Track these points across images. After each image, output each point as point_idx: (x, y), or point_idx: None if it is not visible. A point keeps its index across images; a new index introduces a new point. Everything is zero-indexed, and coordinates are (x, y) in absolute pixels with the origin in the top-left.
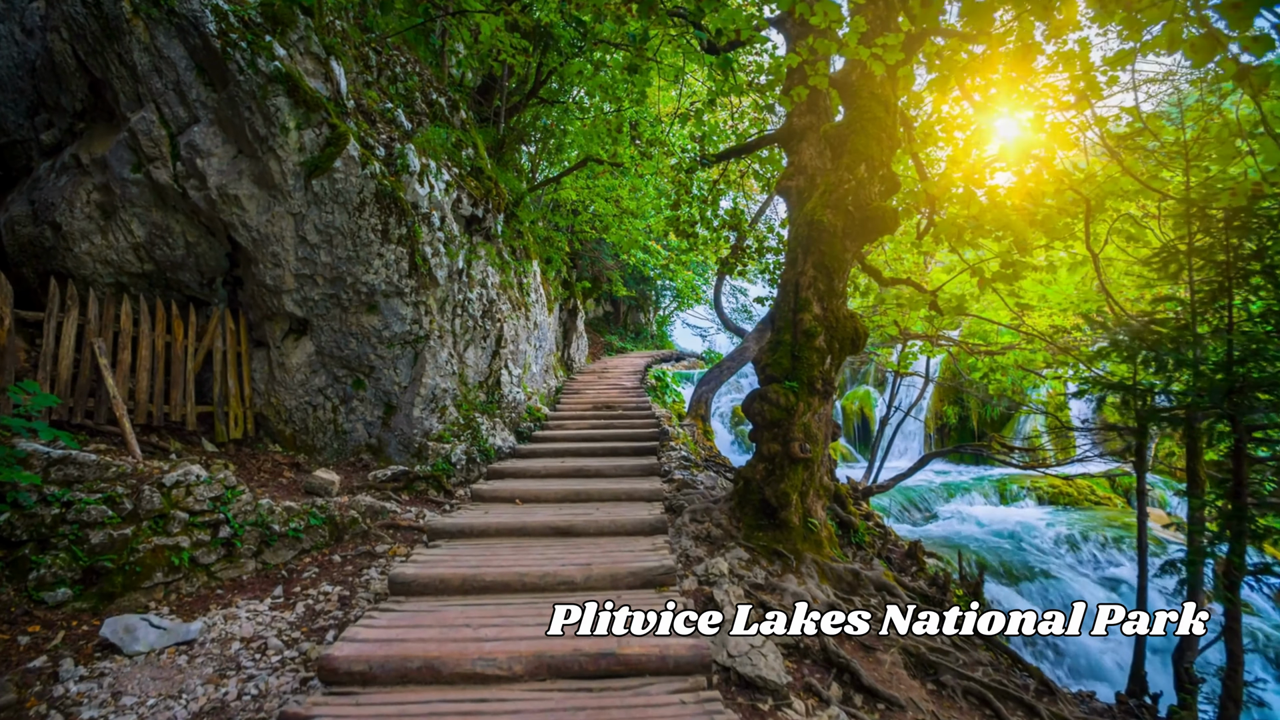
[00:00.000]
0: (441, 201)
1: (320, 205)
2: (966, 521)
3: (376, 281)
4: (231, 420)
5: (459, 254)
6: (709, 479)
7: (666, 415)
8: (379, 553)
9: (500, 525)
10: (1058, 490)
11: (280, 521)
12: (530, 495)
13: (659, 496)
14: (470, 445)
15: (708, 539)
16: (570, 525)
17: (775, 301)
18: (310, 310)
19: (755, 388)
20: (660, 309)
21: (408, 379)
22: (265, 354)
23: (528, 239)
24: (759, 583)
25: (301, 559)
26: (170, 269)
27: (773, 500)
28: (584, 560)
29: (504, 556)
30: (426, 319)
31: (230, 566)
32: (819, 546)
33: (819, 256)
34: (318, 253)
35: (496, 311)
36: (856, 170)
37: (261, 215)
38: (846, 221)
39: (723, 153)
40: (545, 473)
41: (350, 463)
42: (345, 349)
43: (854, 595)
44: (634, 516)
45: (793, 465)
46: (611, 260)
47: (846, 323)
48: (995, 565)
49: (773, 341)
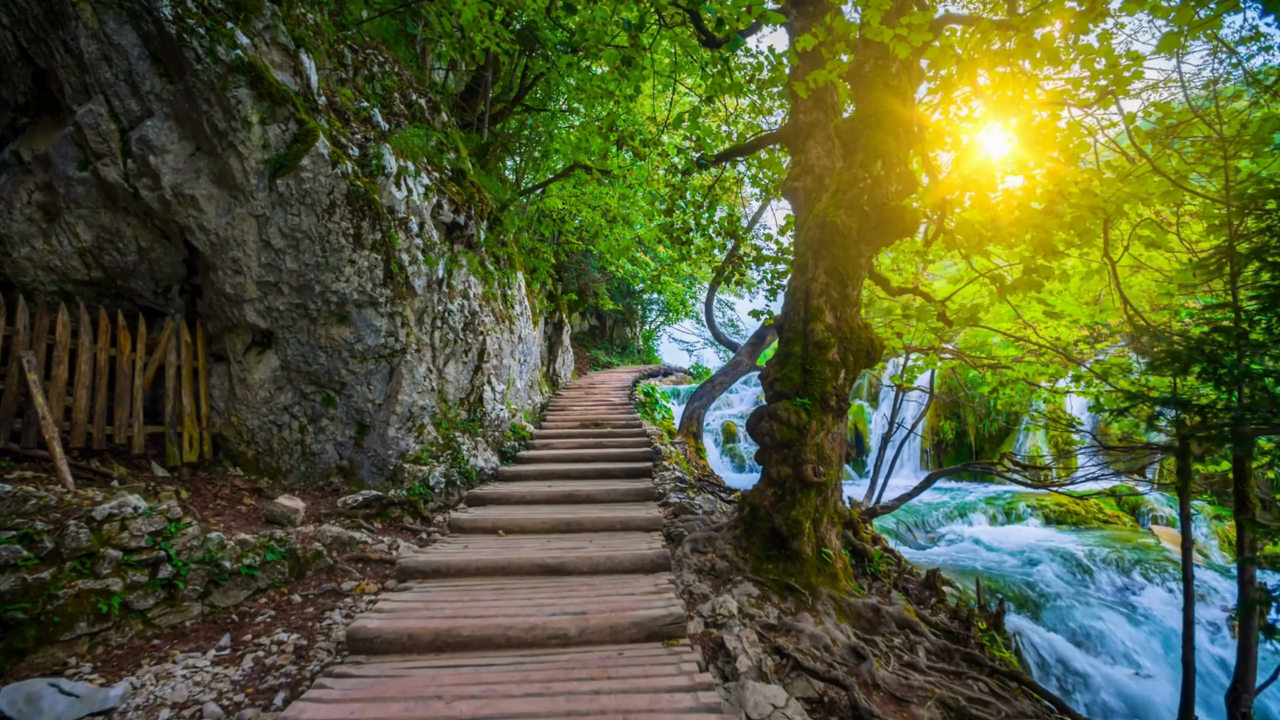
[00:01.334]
0: (420, 206)
1: (286, 207)
2: (973, 544)
3: (348, 290)
4: (186, 442)
5: (439, 262)
6: (707, 502)
7: (658, 433)
8: (345, 590)
9: (481, 563)
10: (1064, 509)
11: (232, 557)
12: (515, 525)
13: (657, 525)
14: (450, 467)
15: (712, 572)
16: (561, 563)
17: (782, 311)
18: (275, 321)
19: (760, 405)
20: (646, 323)
21: (382, 396)
22: (225, 369)
23: (512, 249)
24: (772, 623)
25: (256, 600)
26: (121, 276)
27: (783, 529)
28: (578, 607)
29: (485, 603)
30: (403, 331)
31: (171, 611)
32: (834, 579)
33: (831, 261)
34: (283, 258)
35: (479, 324)
36: (872, 167)
37: (221, 217)
38: (862, 223)
39: (721, 153)
40: (531, 498)
41: (319, 487)
42: (314, 363)
43: (875, 634)
44: (632, 550)
45: (805, 490)
46: (598, 273)
47: (861, 333)
48: (1011, 593)
49: (781, 354)
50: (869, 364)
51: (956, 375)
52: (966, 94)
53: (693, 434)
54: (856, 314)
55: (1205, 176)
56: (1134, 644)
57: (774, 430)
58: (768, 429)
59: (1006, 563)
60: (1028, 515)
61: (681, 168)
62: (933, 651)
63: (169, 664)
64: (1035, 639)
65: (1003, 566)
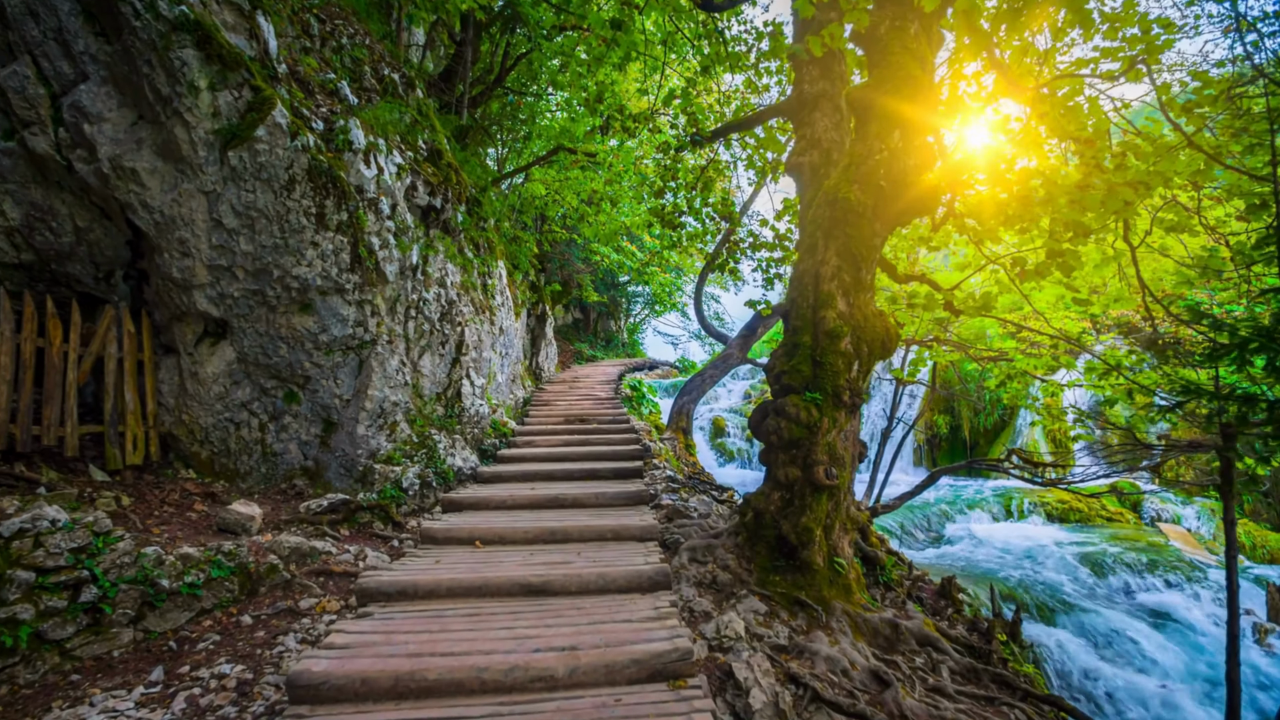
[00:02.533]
0: (392, 187)
1: (239, 182)
2: (978, 543)
3: (310, 276)
4: (129, 442)
5: (412, 248)
6: (702, 505)
7: (646, 429)
8: (303, 609)
9: (454, 583)
10: (1067, 506)
11: (172, 575)
12: (494, 535)
13: (653, 534)
14: (425, 467)
15: (713, 585)
16: (546, 581)
17: (788, 297)
18: (229, 310)
19: (765, 400)
20: (631, 316)
21: (350, 391)
22: (175, 362)
23: (493, 235)
24: (782, 644)
25: (199, 622)
26: (56, 259)
27: (792, 537)
28: (567, 639)
29: (456, 634)
30: (373, 321)
31: (95, 640)
32: (848, 592)
33: (844, 241)
34: (236, 240)
35: (457, 314)
36: (889, 138)
37: (166, 194)
38: (877, 199)
39: (719, 129)
40: (513, 503)
41: (281, 490)
42: (274, 356)
43: (895, 653)
44: (626, 566)
45: (816, 494)
46: (582, 263)
47: (875, 321)
48: (1023, 597)
49: (788, 345)
50: (884, 355)
51: (954, 368)
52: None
53: (682, 429)
54: (871, 300)
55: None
56: (1157, 652)
57: (781, 428)
58: (774, 427)
59: (1013, 563)
60: (1030, 512)
61: (674, 145)
62: (958, 672)
63: (84, 706)
64: (1052, 648)
65: (1010, 567)
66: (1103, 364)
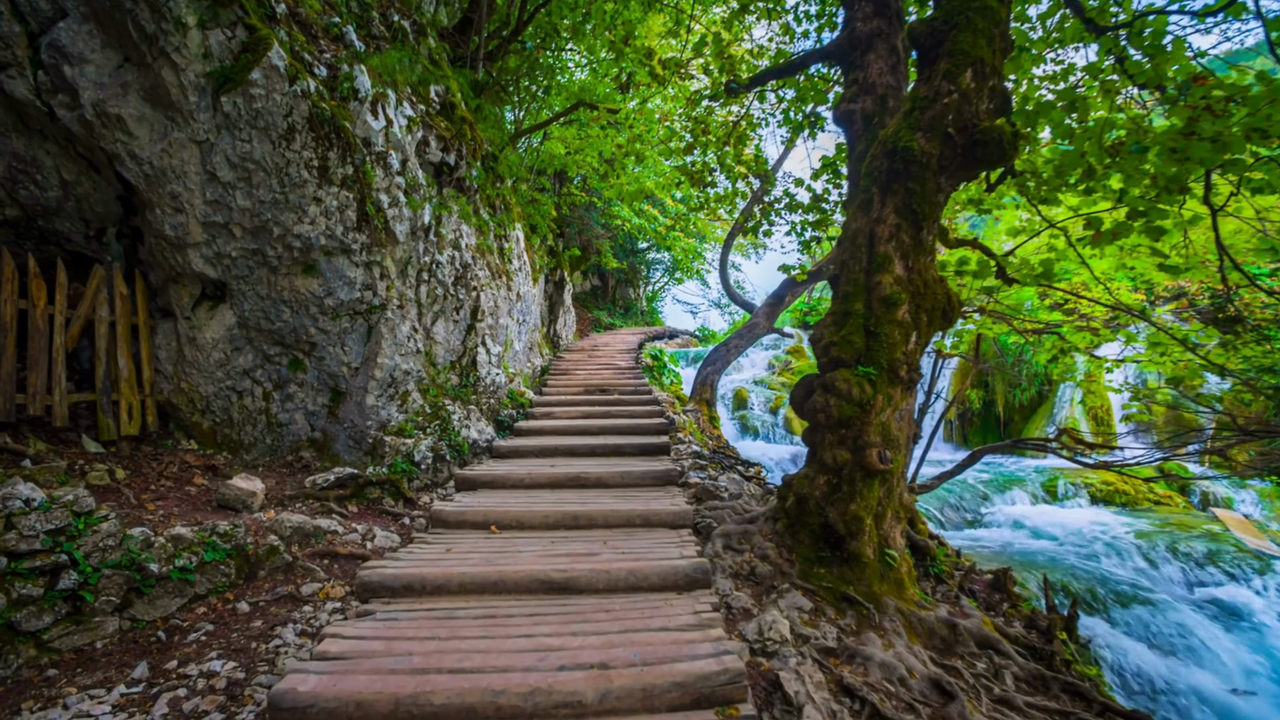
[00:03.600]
0: (402, 140)
1: (234, 131)
2: (1018, 526)
3: (313, 234)
4: (124, 411)
5: (424, 206)
6: (732, 483)
7: (669, 400)
8: (305, 595)
9: (466, 577)
10: (1112, 488)
11: (161, 558)
12: (511, 519)
13: (686, 520)
14: (438, 439)
15: (751, 577)
16: (569, 578)
17: (836, 260)
18: (227, 270)
19: (807, 375)
20: (650, 284)
21: (359, 358)
22: (173, 326)
23: (510, 196)
24: (831, 646)
25: (192, 610)
26: (43, 215)
27: (839, 526)
28: (596, 654)
29: (468, 642)
30: (382, 284)
31: (76, 631)
32: (900, 587)
33: (904, 197)
34: (232, 194)
35: (472, 278)
36: (959, 79)
37: (155, 143)
38: (944, 149)
39: (757, 75)
40: (531, 481)
41: (286, 463)
42: (277, 320)
43: (952, 656)
44: (660, 559)
45: (867, 479)
46: (601, 228)
47: (936, 288)
48: (1072, 587)
49: (837, 313)
50: (945, 325)
51: (994, 341)
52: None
53: (705, 401)
54: (932, 264)
55: None
56: (1224, 652)
57: (830, 405)
58: (822, 404)
59: (1057, 549)
60: (1072, 494)
61: (708, 94)
62: (1023, 679)
63: (56, 709)
64: (1109, 645)
65: (1054, 554)
66: (1169, 338)
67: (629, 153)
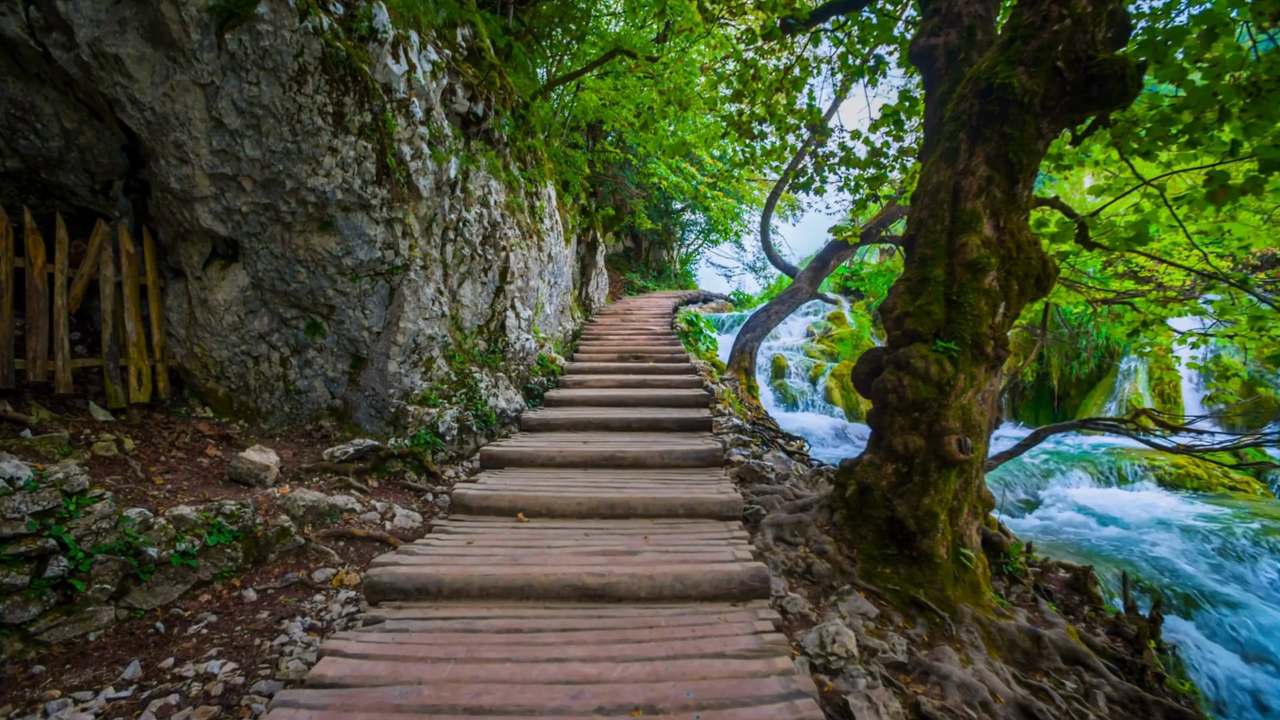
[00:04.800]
0: (426, 88)
1: (240, 72)
2: (1079, 511)
3: (329, 188)
4: (133, 377)
5: (450, 159)
6: (778, 462)
7: (706, 368)
8: (317, 582)
9: (488, 580)
10: (1183, 471)
11: (161, 541)
12: (540, 505)
13: (735, 510)
14: (464, 409)
15: (807, 575)
16: (606, 584)
17: (912, 219)
18: (238, 227)
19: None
20: (684, 246)
21: (380, 322)
22: (184, 287)
23: (541, 150)
24: (900, 661)
25: (196, 596)
26: (45, 167)
27: (910, 522)
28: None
29: (489, 665)
30: (405, 243)
31: (67, 622)
32: (975, 591)
33: (997, 145)
34: (240, 143)
35: (501, 237)
36: (1074, 2)
37: (157, 87)
38: (1050, 86)
39: (820, 9)
40: (562, 460)
41: (305, 432)
42: (292, 281)
43: (1036, 672)
44: (710, 563)
45: (944, 470)
46: (636, 187)
47: (1030, 251)
48: (1148, 582)
49: (912, 279)
50: (1038, 295)
51: (1056, 310)
52: None
53: (744, 370)
54: (1025, 224)
55: None
56: None
57: (903, 385)
58: (893, 383)
59: (1128, 539)
60: (1137, 476)
61: (762, 32)
62: (1118, 701)
63: (34, 716)
64: (1197, 652)
65: (1125, 544)
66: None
67: (670, 100)
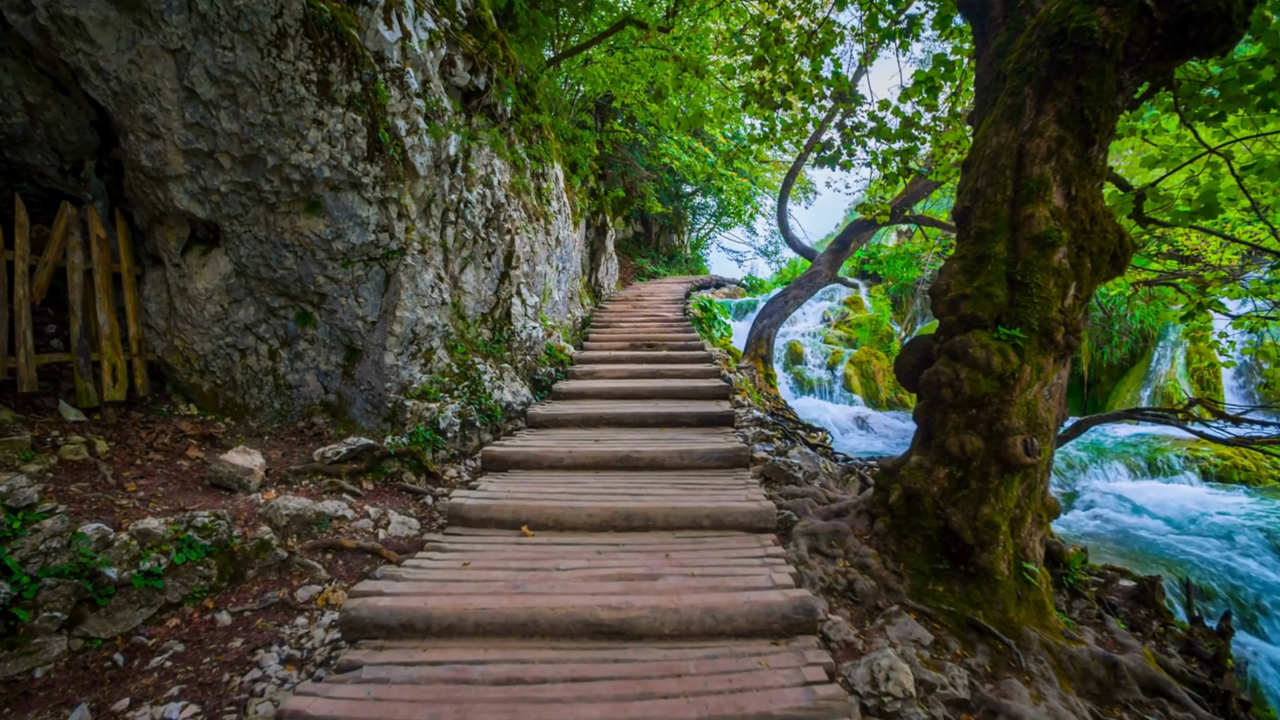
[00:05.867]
0: (422, 58)
1: (213, 36)
2: (1121, 505)
3: (315, 165)
4: (106, 373)
5: (449, 136)
6: (805, 459)
7: (722, 356)
8: (300, 603)
9: (485, 615)
10: (1229, 462)
11: (124, 560)
12: (547, 517)
13: (767, 521)
14: (467, 403)
15: (849, 594)
16: (623, 619)
17: (967, 189)
18: (217, 209)
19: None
20: (695, 230)
21: (376, 311)
22: (162, 275)
23: (547, 125)
24: (962, 698)
25: (163, 621)
26: (9, 146)
27: (967, 534)
28: None
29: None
30: (401, 225)
31: (9, 657)
32: (1040, 611)
33: (1071, 99)
34: (216, 116)
35: (505, 220)
36: None
37: (122, 54)
38: (1136, 29)
39: None
40: (571, 462)
41: (297, 430)
42: (279, 267)
43: (1114, 707)
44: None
45: (1006, 475)
46: (646, 170)
47: (1105, 223)
48: (1210, 587)
49: (968, 257)
50: (1113, 274)
51: None
52: None
53: (761, 357)
54: (1099, 192)
55: None
56: None
57: (960, 379)
58: (948, 376)
59: (1176, 537)
60: (1180, 468)
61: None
62: None
63: None
64: (1271, 671)
65: (1173, 543)
66: None
67: (686, 67)
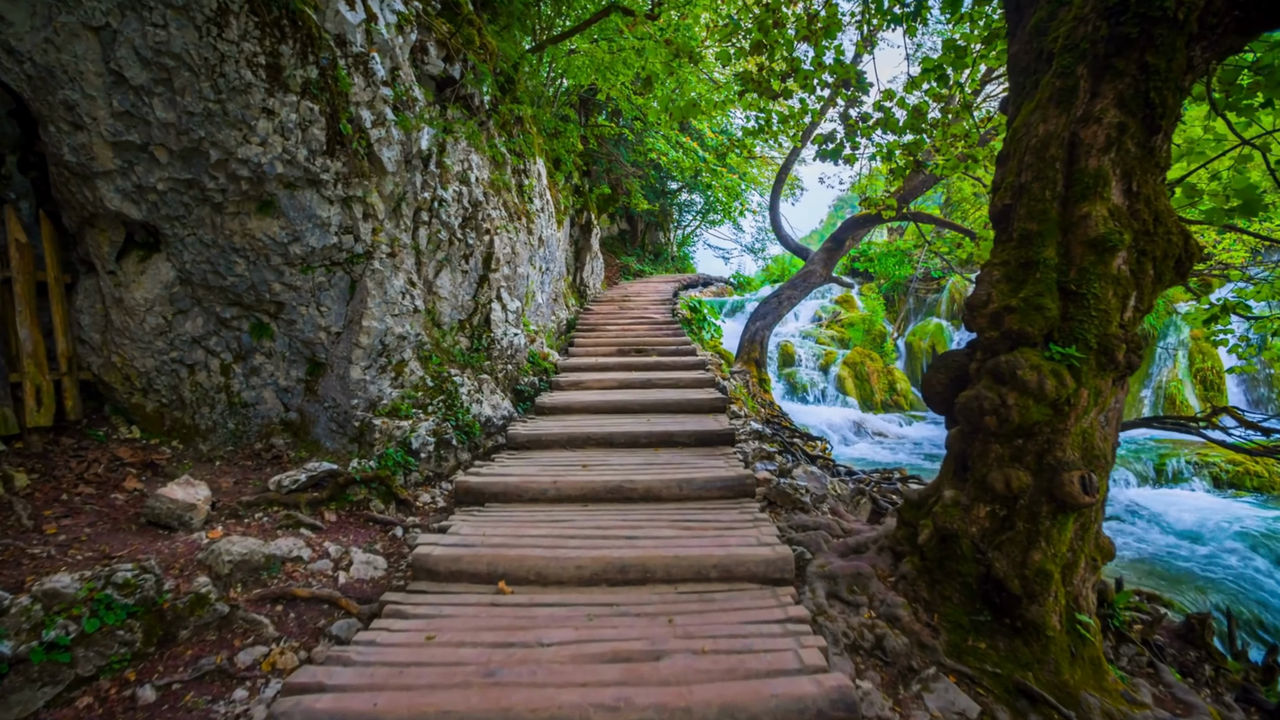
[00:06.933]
0: (390, 43)
1: (142, 11)
2: (1133, 514)
3: (266, 160)
4: (29, 396)
5: (421, 128)
6: (812, 480)
7: (715, 360)
8: (241, 668)
9: (452, 711)
10: (1241, 469)
11: (23, 629)
12: (527, 569)
13: (785, 571)
14: (442, 420)
15: (877, 651)
16: (618, 707)
17: (1008, 184)
18: (154, 209)
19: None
20: (681, 228)
21: (340, 321)
22: (95, 284)
23: (528, 118)
24: None
25: (71, 700)
26: None
27: (1014, 583)
28: None
29: None
30: (367, 226)
31: None
32: (1097, 671)
33: (1134, 81)
34: (149, 103)
35: (484, 219)
36: None
37: (37, 31)
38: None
39: None
40: (556, 493)
41: (254, 452)
42: (229, 274)
43: None
44: (765, 674)
45: (1059, 516)
46: (632, 166)
47: (1170, 223)
48: (1245, 611)
49: (1011, 263)
50: (1176, 280)
51: None
52: None
53: (755, 361)
54: (1163, 187)
55: None
56: None
57: (1007, 405)
58: (993, 402)
59: (1197, 551)
60: (1189, 475)
61: None
62: None
63: None
64: None
65: (1195, 558)
66: None
67: (679, 52)
